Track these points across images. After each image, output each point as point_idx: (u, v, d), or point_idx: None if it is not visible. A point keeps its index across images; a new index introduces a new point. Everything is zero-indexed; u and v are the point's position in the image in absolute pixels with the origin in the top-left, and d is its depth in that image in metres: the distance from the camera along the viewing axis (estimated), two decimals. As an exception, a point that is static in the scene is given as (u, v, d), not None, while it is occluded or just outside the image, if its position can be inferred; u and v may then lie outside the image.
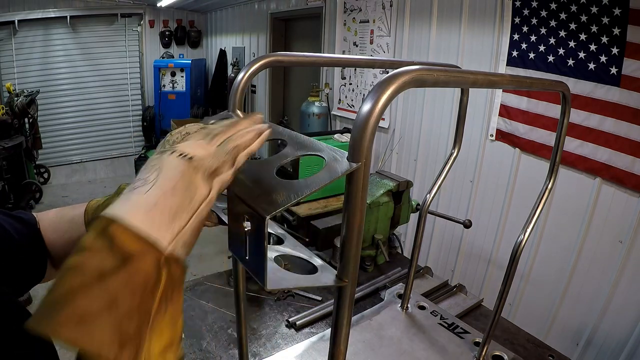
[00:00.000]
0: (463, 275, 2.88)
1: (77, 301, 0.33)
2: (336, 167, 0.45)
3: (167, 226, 0.39)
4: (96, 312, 0.33)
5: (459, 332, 1.24)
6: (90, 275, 0.34)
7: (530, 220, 0.97)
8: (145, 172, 0.42)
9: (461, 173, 2.75)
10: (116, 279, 0.34)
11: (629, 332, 1.95)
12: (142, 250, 0.36)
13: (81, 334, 0.32)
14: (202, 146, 0.44)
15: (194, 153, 0.43)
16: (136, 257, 0.36)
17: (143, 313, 0.35)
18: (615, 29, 1.88)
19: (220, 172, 0.43)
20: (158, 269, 0.37)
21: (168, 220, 0.39)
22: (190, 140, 0.45)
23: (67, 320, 0.32)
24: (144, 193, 0.39)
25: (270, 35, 5.02)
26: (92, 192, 5.72)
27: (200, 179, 0.41)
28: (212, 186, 0.42)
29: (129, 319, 0.34)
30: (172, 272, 0.38)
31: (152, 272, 0.36)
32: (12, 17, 5.66)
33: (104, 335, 0.33)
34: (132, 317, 0.34)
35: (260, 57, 0.69)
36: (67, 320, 0.32)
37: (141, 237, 0.37)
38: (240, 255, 0.47)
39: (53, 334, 0.32)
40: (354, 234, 0.45)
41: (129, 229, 0.36)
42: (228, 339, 1.32)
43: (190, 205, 0.40)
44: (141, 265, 0.36)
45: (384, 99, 0.42)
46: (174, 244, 0.39)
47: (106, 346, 0.33)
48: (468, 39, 2.64)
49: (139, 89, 7.03)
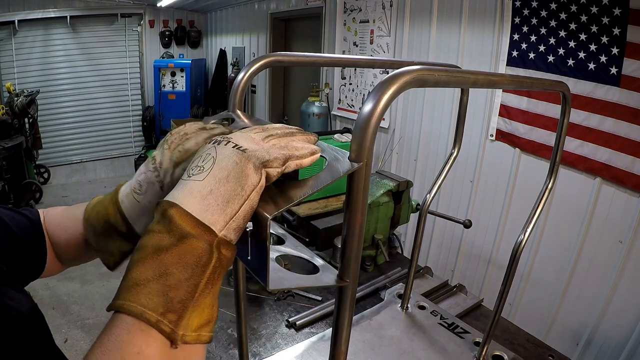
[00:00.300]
0: (463, 275, 2.88)
1: (132, 271, 0.38)
2: (338, 167, 0.45)
3: (221, 212, 0.41)
4: (145, 280, 0.37)
5: (459, 332, 1.24)
6: (147, 251, 0.39)
7: (530, 220, 0.97)
8: (201, 160, 0.44)
9: (461, 173, 2.75)
10: (170, 254, 0.38)
11: (629, 332, 1.95)
12: (197, 233, 0.39)
13: (128, 298, 0.37)
14: (256, 141, 0.47)
15: (247, 146, 0.45)
16: (191, 238, 0.39)
17: (190, 287, 0.38)
18: (615, 29, 1.88)
19: (270, 165, 0.44)
20: (210, 251, 0.40)
21: (222, 206, 0.41)
22: (246, 134, 0.48)
23: (122, 288, 0.38)
24: (201, 180, 0.42)
25: (270, 35, 5.02)
26: (92, 192, 5.72)
27: (251, 168, 0.43)
28: (262, 175, 0.44)
29: (176, 289, 0.38)
30: (222, 255, 0.41)
31: (204, 252, 0.40)
32: (12, 17, 5.65)
33: (150, 300, 0.37)
34: (179, 289, 0.38)
35: (260, 57, 0.69)
36: (122, 288, 0.38)
37: (197, 221, 0.40)
38: (242, 255, 0.47)
39: (114, 300, 0.37)
40: (355, 234, 0.45)
41: (186, 213, 0.40)
42: (228, 339, 1.32)
43: (242, 192, 0.42)
44: (195, 245, 0.39)
45: (385, 99, 0.42)
46: (227, 228, 0.41)
47: (150, 309, 0.37)
48: (468, 39, 2.64)
49: (139, 89, 7.03)
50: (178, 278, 0.38)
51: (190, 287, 0.38)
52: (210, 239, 0.40)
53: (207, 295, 0.40)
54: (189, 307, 0.38)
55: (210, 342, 0.42)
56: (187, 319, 0.38)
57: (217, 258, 0.40)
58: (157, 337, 0.37)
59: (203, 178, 0.42)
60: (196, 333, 0.39)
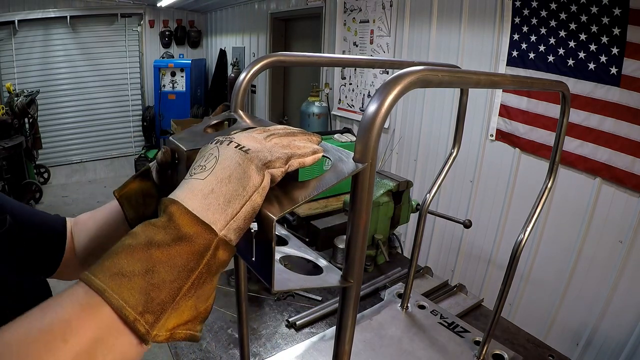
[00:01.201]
0: (463, 275, 2.88)
1: (120, 257, 0.37)
2: (342, 167, 0.45)
3: (222, 211, 0.41)
4: (131, 273, 0.36)
5: (459, 331, 1.25)
6: (140, 240, 0.38)
7: (530, 219, 0.98)
8: (204, 160, 0.45)
9: (461, 173, 2.76)
10: (160, 251, 0.38)
11: (629, 332, 1.95)
12: (196, 232, 0.39)
13: (111, 286, 0.36)
14: (258, 141, 0.47)
15: (250, 146, 0.45)
16: (189, 238, 0.39)
17: (173, 290, 0.38)
18: (615, 29, 1.88)
19: (273, 166, 0.44)
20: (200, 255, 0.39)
21: (223, 206, 0.41)
22: (249, 134, 0.48)
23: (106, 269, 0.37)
24: (202, 179, 0.42)
25: (270, 35, 5.02)
26: (92, 192, 5.72)
27: (254, 169, 0.43)
28: (264, 176, 0.44)
29: (159, 290, 0.37)
30: (214, 259, 0.40)
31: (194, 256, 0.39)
32: (12, 17, 5.64)
33: (131, 296, 0.36)
34: (161, 290, 0.37)
35: (262, 57, 0.68)
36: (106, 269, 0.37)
37: (197, 219, 0.40)
38: (245, 256, 0.47)
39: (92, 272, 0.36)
40: (360, 234, 0.45)
41: (187, 210, 0.40)
42: (228, 339, 1.32)
43: (244, 193, 0.42)
44: (186, 249, 0.39)
45: (389, 100, 0.42)
46: (227, 228, 0.41)
47: (129, 307, 0.36)
48: (468, 39, 2.64)
49: (139, 89, 7.02)
50: (163, 278, 0.37)
51: (172, 290, 0.38)
52: (210, 238, 0.40)
53: (189, 299, 0.39)
54: (167, 310, 0.38)
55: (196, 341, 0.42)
56: (164, 320, 0.38)
57: (206, 263, 0.39)
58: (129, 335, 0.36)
59: (205, 177, 0.42)
60: (169, 332, 0.39)
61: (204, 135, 0.62)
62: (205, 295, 0.41)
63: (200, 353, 1.25)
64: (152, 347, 0.39)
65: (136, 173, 0.66)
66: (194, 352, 1.25)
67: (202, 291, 0.40)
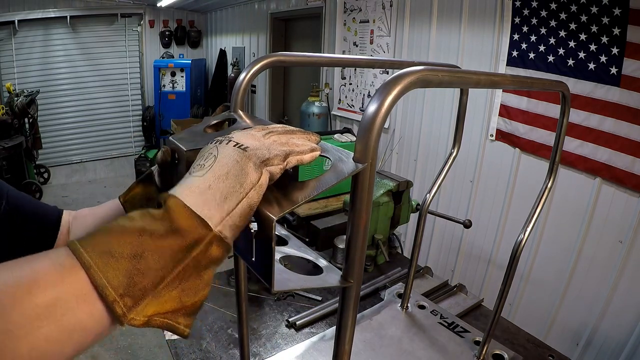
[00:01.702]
0: (463, 275, 2.88)
1: (112, 235, 0.38)
2: (342, 168, 0.45)
3: (218, 207, 0.41)
4: (120, 255, 0.37)
5: (459, 331, 1.25)
6: (135, 226, 0.39)
7: (530, 219, 0.98)
8: (203, 159, 0.45)
9: (461, 173, 2.76)
10: (151, 239, 0.38)
11: (629, 332, 1.95)
12: (191, 225, 0.40)
13: (98, 264, 0.36)
14: (257, 139, 0.47)
15: (248, 144, 0.46)
16: (182, 231, 0.39)
17: (157, 278, 0.38)
18: (615, 29, 1.88)
19: (271, 163, 0.45)
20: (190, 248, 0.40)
21: (219, 202, 0.42)
22: (247, 132, 0.49)
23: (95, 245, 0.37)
24: (201, 177, 0.43)
25: (270, 35, 5.02)
26: (92, 192, 5.71)
27: (251, 167, 0.44)
28: (262, 173, 0.44)
29: (142, 276, 0.38)
30: (211, 251, 0.41)
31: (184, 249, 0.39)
32: (12, 17, 5.65)
33: (115, 277, 0.37)
34: (145, 276, 0.38)
35: (262, 57, 0.68)
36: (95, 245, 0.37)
37: (193, 213, 0.40)
38: (245, 256, 0.47)
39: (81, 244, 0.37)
40: (360, 234, 0.45)
41: (184, 205, 0.40)
42: (228, 339, 1.32)
43: (241, 189, 0.43)
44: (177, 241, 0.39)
45: (389, 100, 0.42)
46: (223, 224, 0.41)
47: (111, 287, 0.36)
48: (468, 39, 2.64)
49: (139, 89, 7.03)
50: (149, 265, 0.38)
51: (156, 279, 0.38)
52: (204, 232, 0.40)
53: (173, 289, 0.40)
54: (147, 296, 0.38)
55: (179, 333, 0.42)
56: (143, 307, 0.38)
57: (195, 257, 0.40)
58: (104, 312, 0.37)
59: (203, 174, 0.43)
60: (146, 318, 0.39)
61: (203, 135, 0.62)
62: (193, 289, 0.41)
63: (200, 353, 1.25)
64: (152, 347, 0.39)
65: (139, 177, 0.67)
66: (194, 352, 1.25)
67: (188, 284, 0.41)
